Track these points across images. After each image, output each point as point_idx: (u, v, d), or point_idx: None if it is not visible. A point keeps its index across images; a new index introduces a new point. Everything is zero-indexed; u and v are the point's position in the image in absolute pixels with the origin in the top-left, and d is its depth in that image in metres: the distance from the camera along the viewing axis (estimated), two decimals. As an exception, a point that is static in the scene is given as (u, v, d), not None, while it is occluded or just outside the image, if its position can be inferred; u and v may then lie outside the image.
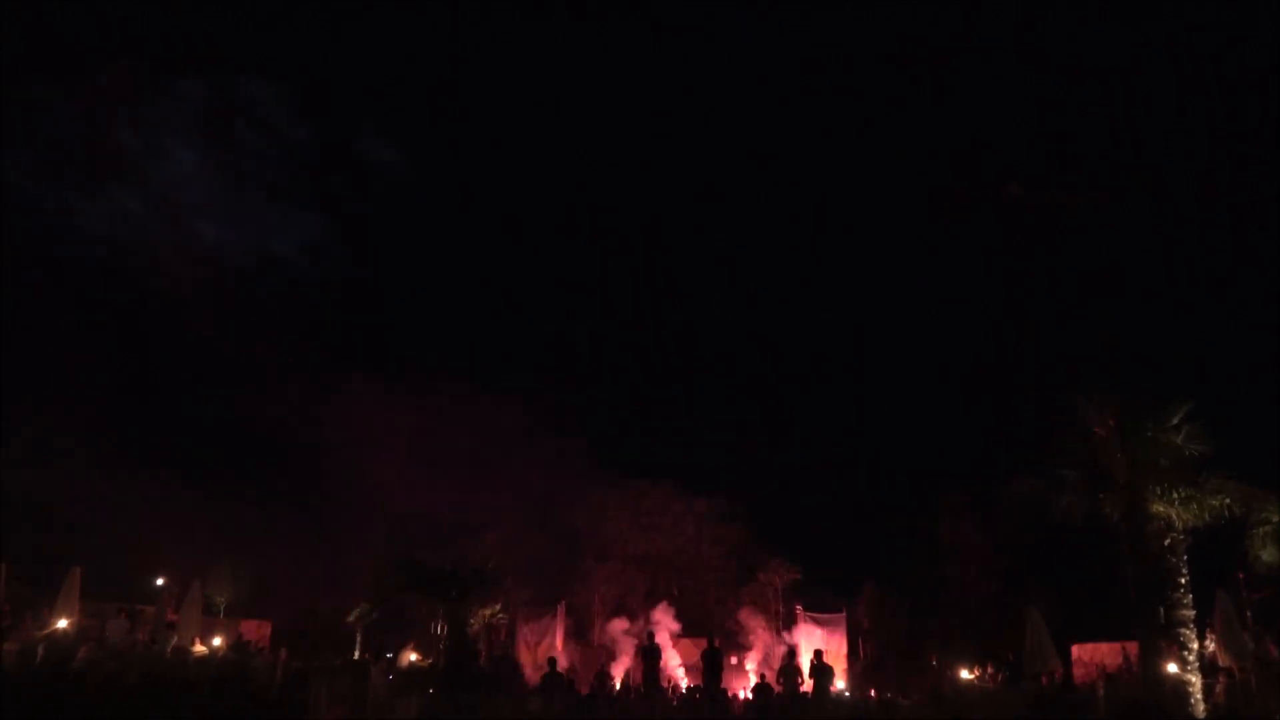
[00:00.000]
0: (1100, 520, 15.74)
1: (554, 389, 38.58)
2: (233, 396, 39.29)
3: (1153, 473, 15.35)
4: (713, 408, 47.45)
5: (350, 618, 25.89)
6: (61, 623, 18.98)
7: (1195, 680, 14.88)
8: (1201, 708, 14.84)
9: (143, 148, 55.13)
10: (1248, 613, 18.21)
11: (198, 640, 21.01)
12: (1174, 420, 15.51)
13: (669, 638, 27.25)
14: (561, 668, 21.95)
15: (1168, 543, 15.21)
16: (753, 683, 23.81)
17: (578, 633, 30.07)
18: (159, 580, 24.45)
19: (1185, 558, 15.20)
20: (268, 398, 38.00)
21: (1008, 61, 54.90)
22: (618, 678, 25.79)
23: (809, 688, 20.11)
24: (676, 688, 24.22)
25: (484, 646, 27.13)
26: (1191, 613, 15.06)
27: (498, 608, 28.07)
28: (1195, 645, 15.07)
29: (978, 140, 53.74)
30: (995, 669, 23.37)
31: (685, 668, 27.14)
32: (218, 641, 22.20)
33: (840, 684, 24.81)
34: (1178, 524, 15.19)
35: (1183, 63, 44.94)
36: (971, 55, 54.35)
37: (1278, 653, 17.83)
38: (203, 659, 19.00)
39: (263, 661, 18.61)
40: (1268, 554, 16.25)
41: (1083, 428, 16.12)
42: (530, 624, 28.81)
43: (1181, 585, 15.06)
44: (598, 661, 26.53)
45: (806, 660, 21.52)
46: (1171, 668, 15.01)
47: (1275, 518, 15.92)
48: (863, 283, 54.01)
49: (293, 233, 66.91)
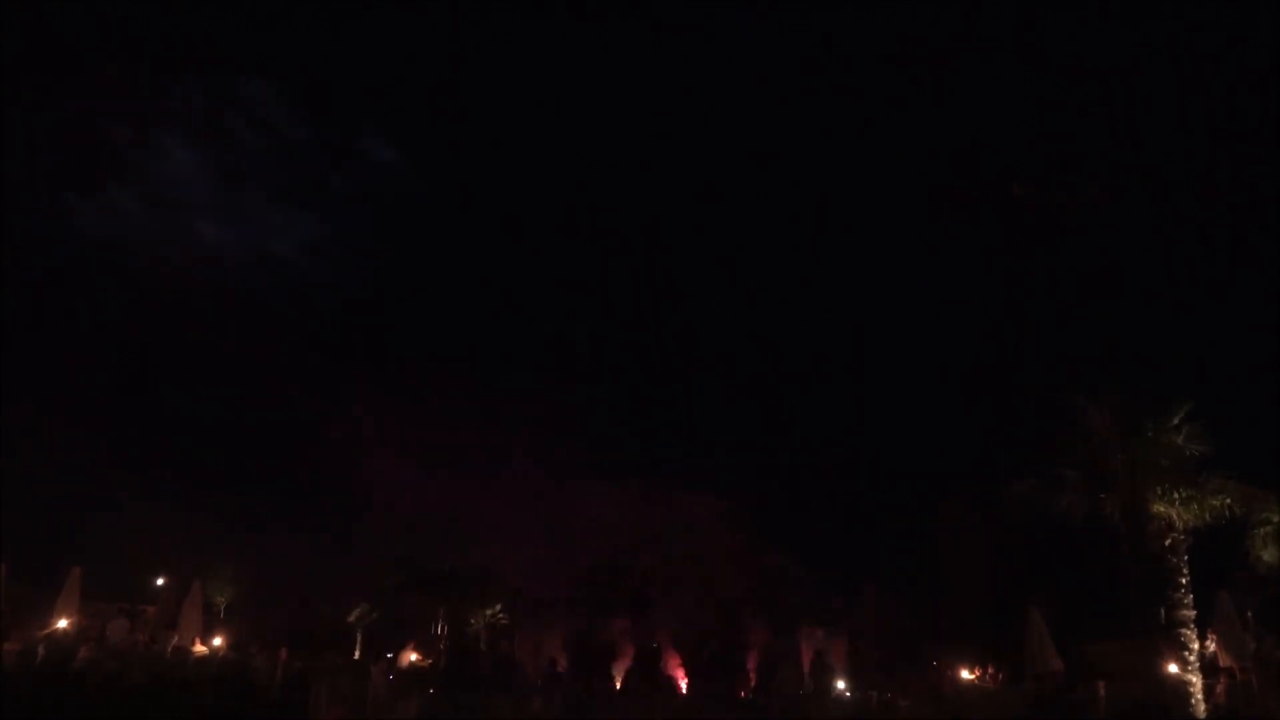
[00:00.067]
0: (1101, 520, 15.72)
1: (554, 389, 38.60)
2: (232, 396, 39.36)
3: (1153, 473, 15.33)
4: (713, 407, 47.51)
5: (350, 618, 25.90)
6: (61, 623, 18.97)
7: (1196, 680, 14.87)
8: (1202, 708, 14.82)
9: (142, 148, 55.24)
10: (1248, 613, 18.19)
11: (198, 640, 21.01)
12: (1174, 420, 15.50)
13: (669, 638, 27.23)
14: (561, 668, 21.98)
15: (1168, 543, 15.21)
16: (753, 683, 23.82)
17: (578, 633, 30.03)
18: (159, 580, 24.46)
19: (1186, 558, 15.19)
20: (268, 398, 38.06)
21: (1008, 61, 54.95)
22: (618, 678, 25.77)
23: (810, 688, 20.12)
24: (676, 688, 24.23)
25: (484, 646, 27.12)
26: (1192, 613, 15.05)
27: (498, 608, 28.06)
28: (1196, 645, 15.06)
29: (978, 140, 53.75)
30: (995, 669, 23.37)
31: (685, 668, 27.12)
32: (218, 641, 22.20)
33: (841, 684, 24.82)
34: (1178, 524, 15.18)
35: (1183, 63, 44.97)
36: (972, 55, 54.40)
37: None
38: (203, 659, 18.99)
39: (263, 662, 18.60)
40: (1268, 554, 16.27)
41: (1083, 428, 16.10)
42: (530, 624, 28.79)
43: (1182, 585, 15.04)
44: (598, 661, 26.49)
45: (807, 660, 21.54)
46: (1172, 668, 15.00)
47: (1276, 518, 15.95)
48: (863, 283, 54.01)
49: (293, 233, 66.96)
